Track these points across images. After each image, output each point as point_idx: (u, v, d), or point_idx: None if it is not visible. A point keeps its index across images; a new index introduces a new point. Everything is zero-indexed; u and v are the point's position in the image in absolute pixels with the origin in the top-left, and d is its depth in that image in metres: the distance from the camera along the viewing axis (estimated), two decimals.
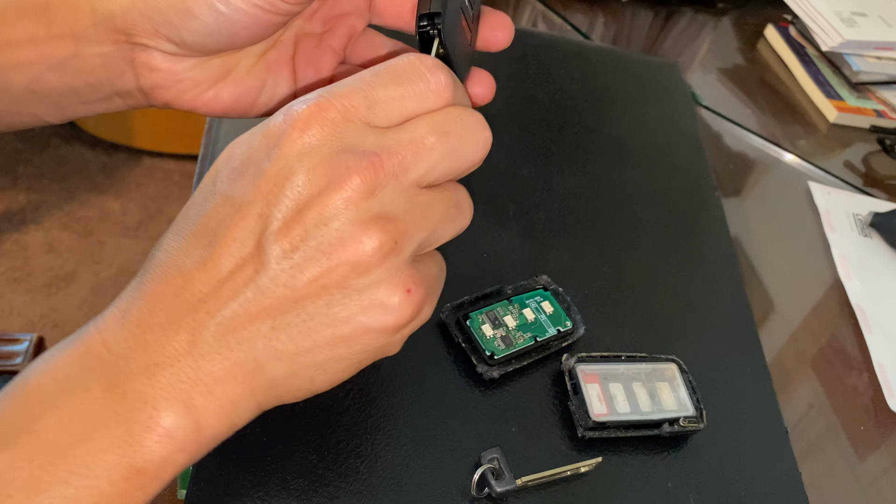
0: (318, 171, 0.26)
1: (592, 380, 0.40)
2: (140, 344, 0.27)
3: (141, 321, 0.27)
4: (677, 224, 0.55)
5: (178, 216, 0.29)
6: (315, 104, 0.27)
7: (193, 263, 0.27)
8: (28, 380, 0.27)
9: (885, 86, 0.82)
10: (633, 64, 0.69)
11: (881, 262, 0.62)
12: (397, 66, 0.29)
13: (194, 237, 0.28)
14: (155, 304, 0.27)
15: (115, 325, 0.28)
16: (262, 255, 0.27)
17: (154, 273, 0.28)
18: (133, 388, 0.27)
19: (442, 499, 0.35)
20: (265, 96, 0.37)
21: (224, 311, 0.27)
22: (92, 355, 0.27)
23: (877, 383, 0.52)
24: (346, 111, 0.27)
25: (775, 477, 0.42)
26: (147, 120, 1.51)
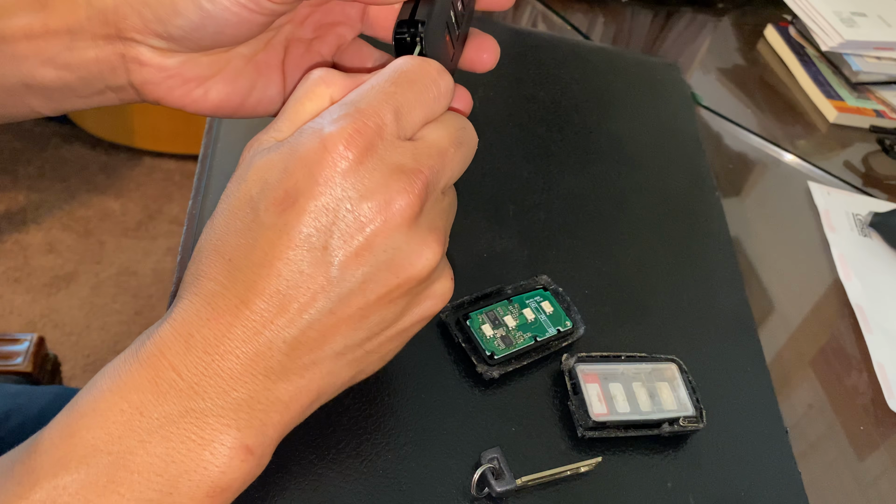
0: (374, 196, 0.28)
1: (592, 380, 0.40)
2: (213, 371, 0.28)
3: (209, 348, 0.28)
4: (677, 224, 0.55)
5: (212, 240, 0.29)
6: (352, 127, 0.28)
7: (257, 295, 0.28)
8: (99, 400, 0.27)
9: (885, 86, 0.82)
10: (632, 64, 0.69)
11: (881, 262, 0.62)
12: (410, 73, 0.30)
13: (252, 270, 0.28)
14: (224, 333, 0.28)
15: (180, 349, 0.28)
16: (332, 285, 0.28)
17: (212, 302, 0.28)
18: (213, 413, 0.27)
19: (442, 499, 0.35)
20: (254, 97, 0.37)
21: (297, 337, 0.28)
22: (163, 381, 0.27)
23: (877, 383, 0.52)
24: (380, 129, 0.28)
25: (775, 477, 0.42)
26: (147, 120, 1.51)
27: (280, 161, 0.28)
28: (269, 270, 0.28)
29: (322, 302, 0.28)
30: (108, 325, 1.28)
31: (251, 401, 0.28)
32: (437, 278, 0.31)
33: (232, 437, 0.28)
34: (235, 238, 0.28)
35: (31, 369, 0.83)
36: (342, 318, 0.29)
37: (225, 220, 0.29)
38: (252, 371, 0.28)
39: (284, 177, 0.28)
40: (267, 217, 0.28)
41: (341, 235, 0.27)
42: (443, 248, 0.30)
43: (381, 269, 0.28)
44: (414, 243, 0.29)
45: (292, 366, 0.29)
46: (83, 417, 0.27)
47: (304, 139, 0.28)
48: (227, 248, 0.29)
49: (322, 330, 0.28)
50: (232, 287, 0.28)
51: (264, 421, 0.28)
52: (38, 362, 0.84)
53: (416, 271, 0.29)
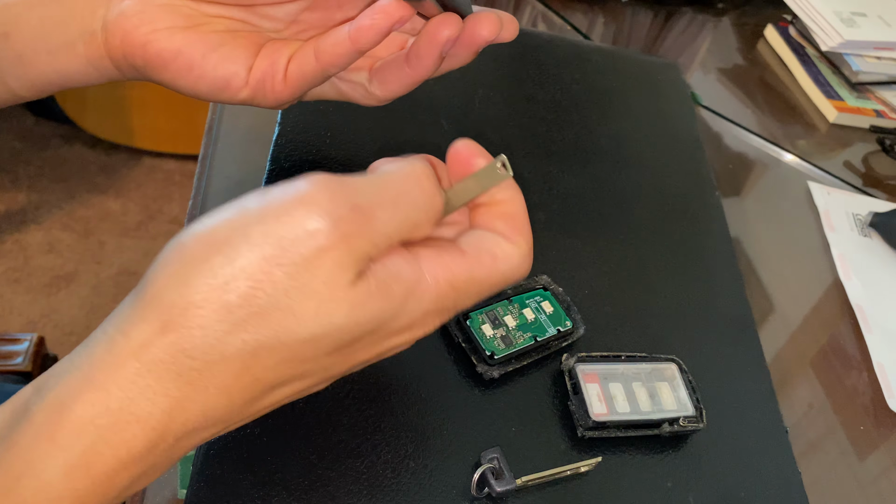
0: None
1: (592, 380, 0.40)
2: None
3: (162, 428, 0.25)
4: (677, 224, 0.55)
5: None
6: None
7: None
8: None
9: (885, 86, 0.82)
10: (632, 64, 0.69)
11: (881, 262, 0.62)
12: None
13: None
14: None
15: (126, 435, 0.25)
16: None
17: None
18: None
19: (442, 499, 0.35)
20: (218, 56, 0.35)
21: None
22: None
23: (877, 383, 0.52)
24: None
25: (775, 476, 0.42)
26: (147, 120, 1.51)
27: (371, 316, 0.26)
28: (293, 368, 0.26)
29: (298, 384, 0.27)
30: None
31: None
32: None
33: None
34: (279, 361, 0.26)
35: (31, 369, 0.83)
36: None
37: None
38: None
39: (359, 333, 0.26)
40: (328, 359, 0.26)
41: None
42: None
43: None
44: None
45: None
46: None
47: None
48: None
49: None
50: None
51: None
52: (38, 362, 0.84)
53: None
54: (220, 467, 0.33)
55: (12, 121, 1.60)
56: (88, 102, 1.50)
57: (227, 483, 0.33)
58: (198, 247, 0.24)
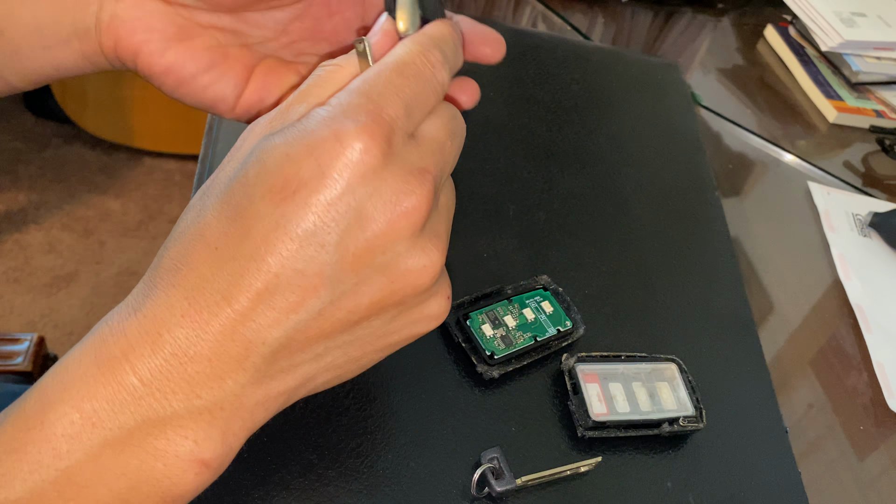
0: (382, 196, 0.26)
1: (592, 379, 0.40)
2: (180, 376, 0.26)
3: (179, 350, 0.25)
4: (677, 224, 0.55)
5: (198, 225, 0.27)
6: (369, 122, 0.26)
7: (243, 291, 0.25)
8: (47, 409, 0.25)
9: (885, 86, 0.82)
10: (632, 64, 0.69)
11: (881, 262, 0.62)
12: (415, 64, 0.28)
13: (240, 262, 0.25)
14: (198, 334, 0.25)
15: (147, 351, 0.25)
16: (325, 286, 0.26)
17: (190, 296, 0.26)
18: (171, 423, 0.26)
19: (442, 499, 0.35)
20: (205, 80, 0.35)
21: (279, 339, 0.26)
22: (122, 388, 0.25)
23: (876, 383, 0.52)
24: (393, 125, 0.26)
25: (775, 477, 0.42)
26: (147, 120, 1.51)
27: (284, 146, 0.26)
28: (259, 265, 0.25)
29: (312, 303, 0.26)
30: None
31: (214, 408, 0.26)
32: (434, 294, 0.29)
33: (188, 450, 0.26)
34: (225, 225, 0.26)
35: (31, 369, 0.83)
36: (331, 322, 0.27)
37: (215, 204, 0.26)
38: (223, 375, 0.26)
39: (287, 164, 0.25)
40: (263, 205, 0.25)
41: (342, 234, 0.25)
42: (443, 257, 0.28)
43: (378, 273, 0.27)
44: (416, 250, 0.27)
45: (268, 370, 0.27)
46: (29, 431, 0.25)
47: (315, 126, 0.26)
48: (214, 235, 0.26)
49: (308, 333, 0.27)
50: (214, 280, 0.26)
51: (225, 430, 0.27)
52: (38, 362, 0.84)
53: (412, 279, 0.27)
54: None
55: (12, 121, 1.60)
56: (88, 102, 1.50)
57: (227, 483, 0.33)
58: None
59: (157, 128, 1.54)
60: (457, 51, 0.31)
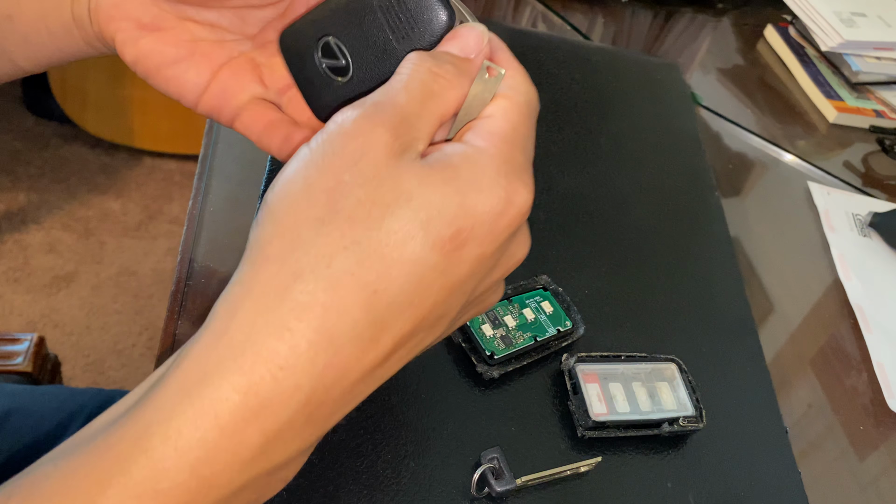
0: (512, 252, 0.30)
1: (592, 380, 0.40)
2: (306, 423, 0.25)
3: (314, 399, 0.25)
4: (677, 224, 0.55)
5: (348, 263, 0.24)
6: (531, 190, 0.29)
7: (393, 336, 0.25)
8: (161, 475, 0.23)
9: (885, 86, 0.82)
10: (633, 64, 0.69)
11: (881, 262, 0.62)
12: (532, 114, 0.30)
13: (393, 307, 0.25)
14: (336, 382, 0.25)
15: (279, 405, 0.24)
16: (449, 321, 0.28)
17: (336, 343, 0.24)
18: (285, 466, 0.26)
19: (442, 499, 0.35)
20: (175, 70, 0.36)
21: (388, 374, 0.27)
22: (244, 448, 0.24)
23: (876, 383, 0.52)
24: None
25: (775, 476, 0.42)
26: (147, 120, 1.51)
27: (458, 195, 0.25)
28: (413, 311, 0.25)
29: (430, 339, 0.28)
30: (108, 325, 1.28)
31: (316, 441, 0.27)
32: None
33: (284, 480, 0.27)
34: (384, 266, 0.24)
35: (31, 369, 0.83)
36: (449, 324, 0.29)
37: (372, 238, 0.25)
38: (338, 412, 0.26)
39: (461, 216, 0.25)
40: (433, 254, 0.25)
41: (479, 283, 0.28)
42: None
43: (476, 304, 0.30)
44: (523, 249, 0.31)
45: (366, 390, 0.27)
46: (139, 498, 0.23)
47: (492, 182, 0.27)
48: (371, 274, 0.24)
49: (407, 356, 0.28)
50: (365, 327, 0.24)
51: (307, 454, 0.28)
52: (38, 362, 0.84)
53: (492, 301, 0.31)
54: None
55: (12, 121, 1.60)
56: (88, 102, 1.50)
57: None
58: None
59: (157, 128, 1.54)
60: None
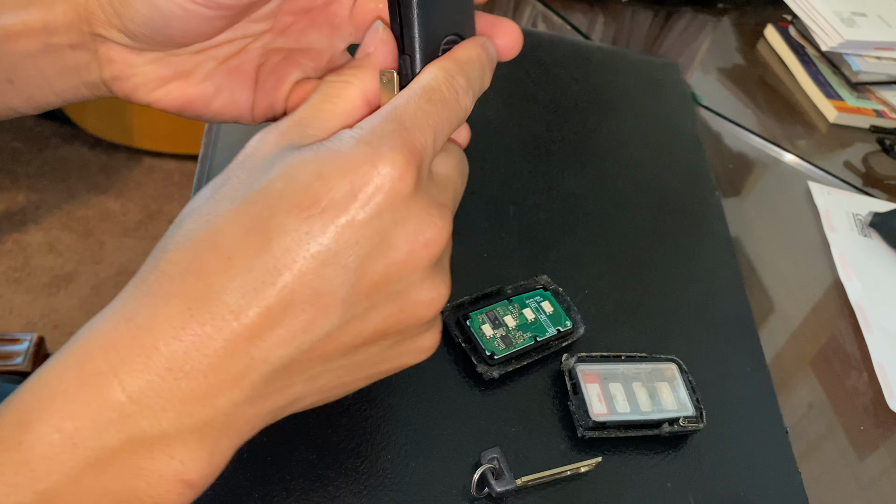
0: (407, 226, 0.26)
1: (592, 380, 0.40)
2: (172, 393, 0.24)
3: (175, 366, 0.24)
4: (677, 224, 0.55)
5: (209, 232, 0.25)
6: (404, 150, 0.26)
7: (255, 306, 0.24)
8: (25, 428, 0.24)
9: (885, 86, 0.82)
10: (633, 64, 0.69)
11: (881, 262, 0.62)
12: (442, 94, 0.28)
13: (252, 273, 0.24)
14: (198, 348, 0.24)
15: (139, 367, 0.24)
16: (338, 309, 0.25)
17: (194, 307, 0.24)
18: (158, 442, 0.24)
19: (442, 499, 0.35)
20: (220, 101, 0.36)
21: (282, 358, 0.25)
22: (108, 406, 0.24)
23: (877, 383, 0.52)
24: (423, 154, 0.27)
25: (775, 477, 0.42)
26: (147, 120, 1.51)
27: (316, 163, 0.25)
28: (276, 279, 0.24)
29: (322, 325, 0.25)
30: None
31: (204, 427, 0.25)
32: (431, 327, 0.30)
33: (174, 470, 0.25)
34: (242, 235, 0.25)
35: (31, 369, 0.83)
36: (334, 346, 0.26)
37: (229, 211, 0.25)
38: (217, 394, 0.25)
39: (318, 181, 0.25)
40: (287, 219, 0.25)
41: (364, 258, 0.25)
42: (448, 292, 0.28)
43: (390, 301, 0.27)
44: (428, 282, 0.27)
45: (264, 390, 0.26)
46: (6, 452, 0.24)
47: (351, 149, 0.26)
48: (227, 243, 0.25)
49: (311, 354, 0.26)
50: (224, 292, 0.24)
51: (213, 450, 0.26)
52: (38, 362, 0.84)
53: (421, 311, 0.28)
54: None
55: (12, 121, 1.59)
56: (88, 102, 1.49)
57: (228, 483, 0.33)
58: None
59: (157, 128, 1.54)
60: (483, 74, 0.31)
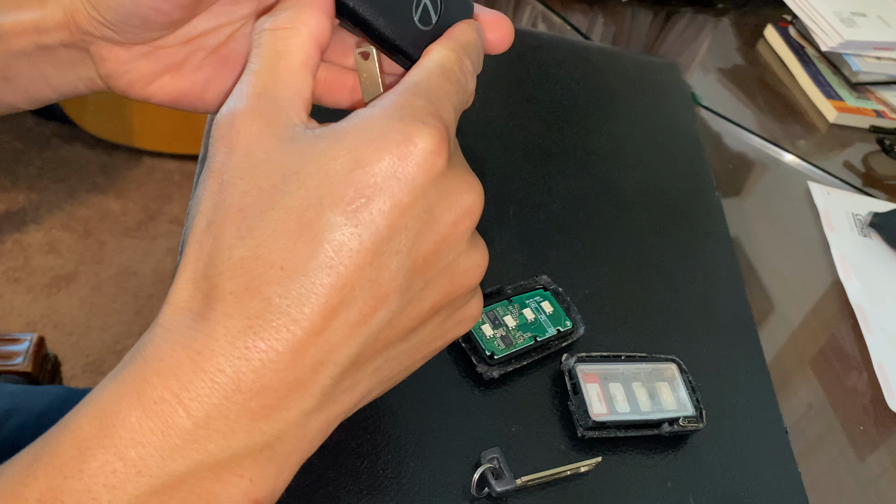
0: (451, 198, 0.26)
1: (592, 380, 0.40)
2: (241, 412, 0.23)
3: (243, 386, 0.23)
4: (677, 224, 0.55)
5: (249, 245, 0.24)
6: (440, 124, 0.25)
7: (316, 309, 0.23)
8: (86, 456, 0.23)
9: (885, 86, 0.82)
10: (633, 64, 0.69)
11: (881, 262, 0.62)
12: (456, 74, 0.28)
13: (307, 277, 0.23)
14: (265, 364, 0.23)
15: (203, 392, 0.23)
16: (397, 295, 0.25)
17: (254, 324, 0.23)
18: (230, 465, 0.24)
19: (442, 499, 0.35)
20: (214, 90, 0.36)
21: (350, 356, 0.25)
22: (173, 431, 0.23)
23: (876, 383, 0.52)
24: (451, 128, 0.26)
25: (775, 477, 0.42)
26: (147, 120, 1.51)
27: (349, 151, 0.24)
28: (334, 280, 0.23)
29: (383, 314, 0.25)
30: (108, 325, 1.28)
31: (276, 442, 0.24)
32: (476, 292, 0.29)
33: (243, 490, 0.24)
34: (290, 242, 0.23)
35: (31, 369, 0.83)
36: (396, 332, 0.26)
37: (267, 223, 0.24)
38: (289, 406, 0.24)
39: (357, 170, 0.24)
40: (334, 216, 0.23)
41: (415, 239, 0.25)
42: (488, 254, 0.29)
43: (441, 275, 0.26)
44: (472, 249, 0.27)
45: (333, 392, 0.25)
46: (66, 479, 0.23)
47: (384, 129, 0.24)
48: (276, 254, 0.23)
49: (375, 346, 0.25)
50: (282, 303, 0.23)
51: (283, 465, 0.25)
52: (38, 362, 0.84)
53: (469, 279, 0.27)
54: None
55: (12, 121, 1.60)
56: (88, 102, 1.50)
57: None
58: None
59: (157, 128, 1.54)
60: (480, 57, 0.31)
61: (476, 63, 0.30)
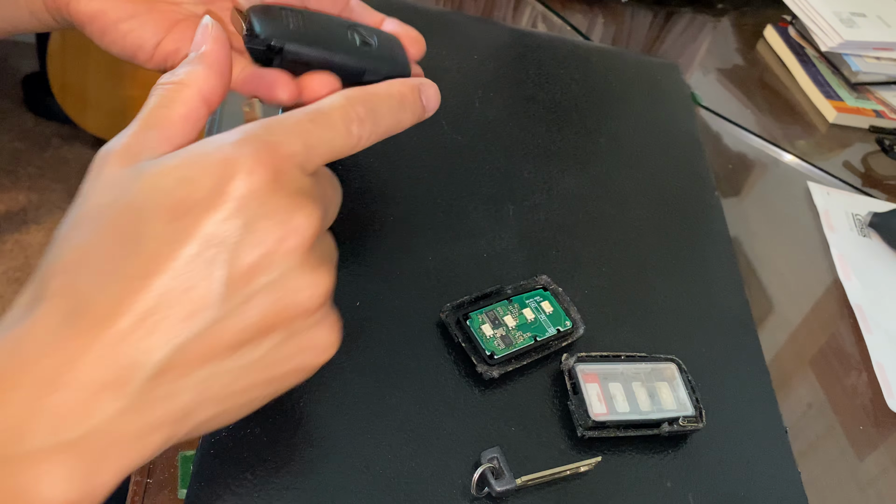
0: (275, 215, 0.26)
1: (592, 379, 0.40)
2: (47, 407, 0.24)
3: (50, 381, 0.24)
4: (677, 224, 0.55)
5: (75, 252, 0.26)
6: (262, 150, 0.26)
7: (128, 310, 0.24)
8: None
9: (885, 86, 0.82)
10: (632, 64, 0.69)
11: (880, 262, 0.62)
12: (331, 118, 0.29)
13: (127, 282, 0.25)
14: (72, 359, 0.24)
15: (9, 384, 0.24)
16: (213, 304, 0.25)
17: (69, 321, 0.24)
18: (33, 460, 0.24)
19: (442, 499, 0.35)
20: (127, 26, 0.37)
21: (161, 360, 0.25)
22: None
23: (876, 383, 0.52)
24: (286, 158, 0.27)
25: (775, 476, 0.42)
26: None
27: (179, 169, 0.26)
28: (147, 283, 0.25)
29: (199, 321, 0.25)
30: None
31: (88, 439, 0.24)
32: (322, 321, 0.29)
33: (52, 490, 0.24)
34: (112, 245, 0.25)
35: None
36: (216, 343, 0.26)
37: (97, 228, 0.26)
38: (99, 401, 0.24)
39: (182, 184, 0.25)
40: (155, 225, 0.25)
41: (233, 251, 0.25)
42: (331, 282, 0.28)
43: (266, 291, 0.26)
44: (305, 268, 0.27)
45: (147, 397, 0.25)
46: None
47: (215, 150, 0.26)
48: (98, 256, 0.25)
49: (190, 355, 0.25)
50: (97, 302, 0.24)
51: (92, 468, 0.24)
52: None
53: (301, 299, 0.27)
54: (220, 467, 0.33)
55: (12, 121, 1.60)
56: (88, 102, 1.50)
57: (227, 483, 0.33)
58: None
59: None
60: (398, 114, 0.32)
61: (382, 114, 0.31)
